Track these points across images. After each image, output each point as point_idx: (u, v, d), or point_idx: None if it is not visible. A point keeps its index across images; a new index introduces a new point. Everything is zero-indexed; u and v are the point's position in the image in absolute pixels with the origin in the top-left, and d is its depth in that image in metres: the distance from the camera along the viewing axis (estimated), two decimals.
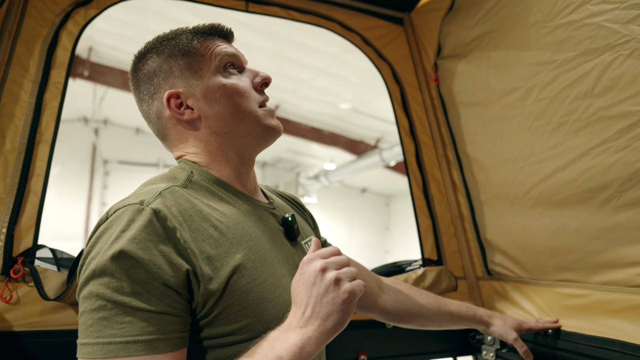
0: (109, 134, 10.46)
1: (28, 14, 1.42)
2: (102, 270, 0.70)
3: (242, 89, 0.94)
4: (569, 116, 1.32)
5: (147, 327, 0.69)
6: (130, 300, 0.69)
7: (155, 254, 0.72)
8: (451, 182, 1.90)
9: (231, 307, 0.77)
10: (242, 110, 0.93)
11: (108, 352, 0.67)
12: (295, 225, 1.00)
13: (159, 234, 0.74)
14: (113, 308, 0.69)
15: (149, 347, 0.68)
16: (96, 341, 0.68)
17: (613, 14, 1.15)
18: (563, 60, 1.31)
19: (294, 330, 0.72)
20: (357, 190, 13.26)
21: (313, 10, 1.88)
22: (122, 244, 0.71)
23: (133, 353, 0.67)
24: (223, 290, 0.77)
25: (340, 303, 0.72)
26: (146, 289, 0.70)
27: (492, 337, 1.69)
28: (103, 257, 0.71)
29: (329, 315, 0.72)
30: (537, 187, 1.47)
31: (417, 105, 1.98)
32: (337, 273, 0.75)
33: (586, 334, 1.34)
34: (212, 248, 0.79)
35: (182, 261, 0.74)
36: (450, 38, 1.78)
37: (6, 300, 1.20)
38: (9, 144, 1.31)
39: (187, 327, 0.75)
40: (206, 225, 0.81)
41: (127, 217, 0.74)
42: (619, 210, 1.24)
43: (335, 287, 0.73)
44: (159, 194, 0.79)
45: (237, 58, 0.98)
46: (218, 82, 0.93)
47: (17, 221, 1.28)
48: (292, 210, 1.12)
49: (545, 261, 1.52)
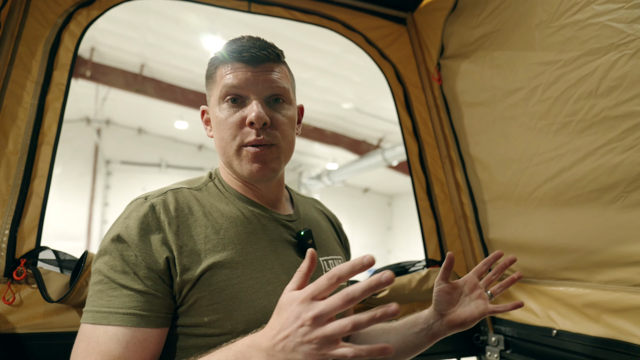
0: (111, 134, 10.48)
1: (30, 14, 1.42)
2: (104, 250, 0.86)
3: (227, 125, 0.95)
4: (574, 116, 1.31)
5: (128, 302, 0.81)
6: (119, 278, 0.83)
7: (144, 241, 0.85)
8: (454, 183, 1.90)
9: (203, 300, 0.86)
10: (223, 145, 0.97)
11: (95, 319, 0.81)
12: (310, 241, 1.03)
13: (151, 225, 0.87)
14: (107, 282, 0.83)
15: (126, 320, 0.80)
16: (90, 309, 0.83)
17: (618, 13, 1.15)
18: (567, 60, 1.30)
19: (261, 353, 0.67)
20: (360, 190, 13.26)
21: (316, 11, 1.88)
22: (119, 229, 0.86)
23: (112, 322, 0.80)
24: (195, 282, 0.86)
25: (305, 348, 0.63)
26: (133, 270, 0.83)
27: (496, 339, 1.68)
28: (106, 239, 0.87)
29: (294, 354, 0.64)
30: (541, 188, 1.46)
31: (420, 105, 1.98)
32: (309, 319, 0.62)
33: (590, 335, 1.34)
34: (199, 243, 0.89)
35: (165, 250, 0.85)
36: (454, 38, 1.77)
37: (9, 302, 1.20)
38: (11, 145, 1.31)
39: (167, 309, 0.86)
40: (200, 223, 0.91)
41: (131, 208, 0.90)
42: (625, 210, 1.23)
43: (305, 331, 0.63)
44: (164, 193, 0.94)
45: (241, 89, 0.94)
46: (214, 113, 0.99)
47: (19, 223, 1.28)
48: (324, 225, 1.17)
49: (549, 260, 1.51)
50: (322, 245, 1.10)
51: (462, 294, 1.10)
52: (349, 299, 0.61)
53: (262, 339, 0.68)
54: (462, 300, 1.10)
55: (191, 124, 9.53)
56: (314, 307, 0.63)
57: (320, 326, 0.62)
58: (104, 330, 0.80)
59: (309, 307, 0.63)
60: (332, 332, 0.61)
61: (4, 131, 1.31)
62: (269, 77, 0.95)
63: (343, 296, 0.61)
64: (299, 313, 0.63)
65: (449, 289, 1.09)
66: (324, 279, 0.64)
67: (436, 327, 1.10)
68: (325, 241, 1.12)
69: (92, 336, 0.80)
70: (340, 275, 0.63)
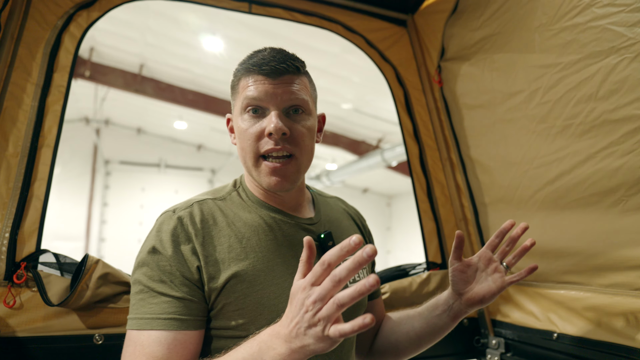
0: (111, 134, 10.46)
1: (30, 16, 1.42)
2: (142, 262, 0.94)
3: (248, 135, 0.98)
4: (573, 119, 1.31)
5: (168, 308, 0.89)
6: (158, 286, 0.90)
7: (176, 252, 0.92)
8: (455, 185, 1.90)
9: (229, 305, 0.92)
10: (244, 155, 1.01)
11: (139, 325, 0.88)
12: (330, 243, 1.06)
13: (181, 237, 0.94)
14: (147, 292, 0.90)
15: (167, 324, 0.87)
16: (134, 316, 0.90)
17: (618, 16, 1.15)
18: (567, 63, 1.30)
19: (281, 340, 0.73)
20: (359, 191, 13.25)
21: (316, 12, 1.88)
22: (154, 242, 0.94)
23: (155, 327, 0.87)
24: (221, 289, 0.92)
25: (312, 331, 0.69)
26: (170, 279, 0.91)
27: (496, 341, 1.68)
28: (142, 252, 0.95)
29: (306, 339, 0.70)
30: (542, 191, 1.46)
31: (421, 107, 1.98)
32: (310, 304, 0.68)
33: (590, 338, 1.34)
34: (223, 253, 0.95)
35: (195, 259, 0.92)
36: (454, 40, 1.77)
37: (9, 306, 1.20)
38: (11, 147, 1.31)
39: (203, 312, 0.93)
40: (224, 233, 0.97)
41: (161, 220, 0.97)
42: (625, 214, 1.23)
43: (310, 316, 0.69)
44: (190, 205, 0.99)
45: (261, 101, 0.97)
46: (237, 123, 1.02)
47: (20, 226, 1.27)
48: (346, 224, 1.19)
49: (549, 264, 1.51)
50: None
51: (478, 270, 1.12)
52: (337, 281, 0.66)
53: (280, 327, 0.75)
54: (479, 276, 1.11)
55: (190, 124, 9.52)
56: (312, 292, 0.69)
57: (319, 310, 0.68)
58: (148, 334, 0.87)
59: (309, 293, 0.70)
60: (327, 313, 0.67)
61: (4, 134, 1.31)
62: (288, 89, 0.97)
63: (330, 280, 0.67)
64: (302, 300, 0.70)
65: (463, 267, 1.10)
66: (318, 266, 0.70)
67: (456, 307, 1.12)
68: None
69: (137, 341, 0.87)
70: (330, 261, 0.68)
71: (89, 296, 1.23)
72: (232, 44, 5.64)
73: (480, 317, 1.80)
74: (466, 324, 1.81)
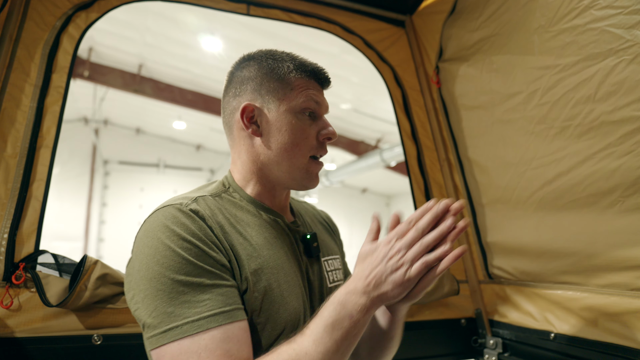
0: (109, 134, 10.45)
1: (29, 17, 1.42)
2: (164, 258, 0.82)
3: (306, 135, 1.00)
4: (572, 120, 1.31)
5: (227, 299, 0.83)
6: (204, 279, 0.82)
7: (206, 241, 0.85)
8: (453, 186, 1.90)
9: (249, 304, 0.87)
10: (295, 152, 0.99)
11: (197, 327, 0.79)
12: (315, 244, 1.07)
13: (201, 228, 0.86)
14: (189, 291, 0.81)
15: (232, 316, 0.81)
16: (180, 322, 0.79)
17: (617, 19, 1.15)
18: (566, 65, 1.30)
19: (358, 294, 0.80)
20: (358, 191, 13.26)
21: (314, 13, 1.88)
22: (178, 229, 0.84)
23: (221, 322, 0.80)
24: (246, 288, 0.88)
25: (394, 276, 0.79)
26: (214, 267, 0.84)
27: (494, 341, 1.69)
28: (161, 248, 0.83)
29: (386, 286, 0.79)
30: (540, 191, 1.46)
31: (419, 108, 1.98)
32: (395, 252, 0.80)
33: (587, 338, 1.34)
34: (239, 249, 0.90)
35: (220, 254, 0.86)
36: (452, 41, 1.77)
37: (7, 307, 1.20)
38: (10, 148, 1.31)
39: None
40: (234, 230, 0.93)
41: (171, 213, 0.86)
42: (622, 215, 1.23)
43: (393, 263, 0.79)
44: (194, 200, 0.92)
45: (318, 107, 1.03)
46: (289, 118, 0.99)
47: (18, 226, 1.28)
48: (319, 228, 1.21)
49: (546, 264, 1.52)
50: (323, 246, 1.13)
51: None
52: (420, 230, 0.79)
53: (356, 282, 0.81)
54: None
55: (189, 124, 9.52)
56: (397, 244, 0.80)
57: (403, 255, 0.79)
58: (210, 335, 0.77)
59: (393, 245, 0.80)
60: (413, 255, 0.78)
61: (3, 134, 1.31)
62: (327, 100, 1.07)
63: (415, 230, 0.80)
64: (386, 252, 0.80)
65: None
66: (403, 225, 0.82)
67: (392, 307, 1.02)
68: (324, 242, 1.16)
69: (199, 347, 0.76)
70: (415, 219, 0.81)
71: (88, 297, 1.23)
72: (231, 44, 5.64)
73: (478, 317, 1.81)
74: (464, 324, 1.82)
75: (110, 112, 9.55)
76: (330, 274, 1.10)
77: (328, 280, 1.08)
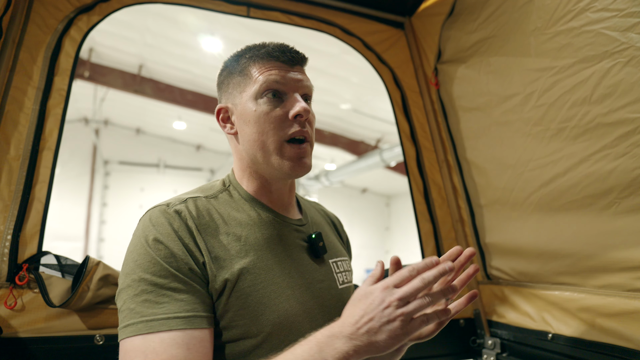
0: (110, 135, 10.47)
1: (31, 21, 1.43)
2: (139, 259, 0.85)
3: (270, 118, 0.95)
4: (568, 122, 1.33)
5: (185, 305, 0.82)
6: (168, 282, 0.82)
7: (182, 244, 0.86)
8: (452, 187, 1.91)
9: (231, 305, 0.86)
10: (264, 139, 0.96)
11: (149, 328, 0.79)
12: (320, 244, 1.05)
13: (181, 230, 0.87)
14: (153, 290, 0.82)
15: (186, 322, 0.80)
16: (137, 320, 0.81)
17: (612, 21, 1.16)
18: (562, 67, 1.32)
19: (343, 339, 0.74)
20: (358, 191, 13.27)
21: (314, 15, 1.89)
22: (154, 234, 0.85)
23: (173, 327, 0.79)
24: (224, 288, 0.86)
25: (389, 326, 0.72)
26: (180, 272, 0.84)
27: (492, 342, 1.70)
28: (137, 249, 0.86)
29: (378, 335, 0.73)
30: (537, 193, 1.48)
31: (418, 109, 1.99)
32: (394, 300, 0.73)
33: (585, 339, 1.35)
34: (223, 251, 0.89)
35: (199, 254, 0.86)
36: (451, 43, 1.79)
37: (11, 307, 1.22)
38: (13, 150, 1.32)
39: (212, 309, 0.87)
40: (222, 230, 0.92)
41: (155, 214, 0.89)
42: (618, 216, 1.25)
43: (390, 312, 0.73)
44: (184, 201, 0.93)
45: (282, 85, 0.97)
46: (249, 108, 0.97)
47: (21, 228, 1.29)
48: (327, 229, 1.18)
49: (544, 265, 1.53)
50: (330, 247, 1.11)
51: None
52: (426, 282, 0.73)
53: (343, 327, 0.75)
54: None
55: (189, 125, 9.53)
56: (398, 291, 0.74)
57: (403, 306, 0.73)
58: (160, 338, 0.77)
59: (392, 292, 0.74)
60: (414, 307, 0.73)
61: (6, 137, 1.32)
62: (302, 77, 1.00)
63: (420, 279, 0.74)
64: (383, 297, 0.74)
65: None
66: (405, 271, 0.76)
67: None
68: (332, 243, 1.14)
69: (147, 348, 0.76)
70: (419, 269, 0.75)
71: (90, 297, 1.25)
72: (231, 44, 5.65)
73: (477, 318, 1.82)
74: (462, 325, 1.83)
75: (111, 113, 9.57)
76: (340, 275, 1.08)
77: (338, 281, 1.06)
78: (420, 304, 0.73)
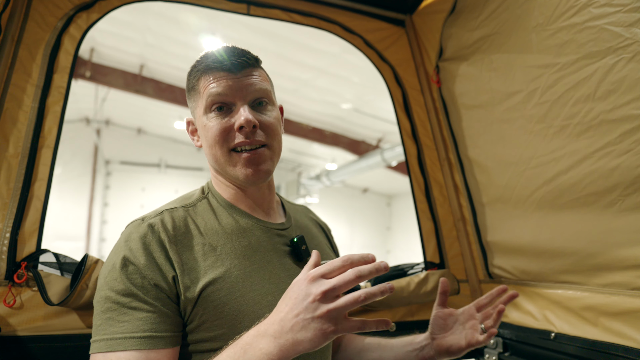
0: (111, 135, 10.49)
1: (31, 18, 1.43)
2: (108, 277, 0.86)
3: (214, 133, 0.96)
4: (571, 119, 1.31)
5: (142, 325, 0.81)
6: (129, 301, 0.83)
7: (149, 260, 0.86)
8: (453, 185, 1.90)
9: (207, 316, 0.86)
10: (214, 151, 0.99)
11: (108, 346, 0.81)
12: (303, 247, 1.04)
13: (152, 244, 0.87)
14: (116, 308, 0.84)
15: (142, 343, 0.80)
16: (101, 337, 0.83)
17: (615, 17, 1.15)
18: (565, 63, 1.30)
19: (269, 338, 0.70)
20: (359, 190, 13.26)
21: (314, 13, 1.88)
22: (123, 252, 0.87)
23: (128, 347, 0.80)
24: (197, 299, 0.86)
25: (316, 324, 0.67)
26: (142, 292, 0.84)
27: (494, 341, 1.69)
28: (108, 266, 0.88)
29: (303, 333, 0.67)
30: (539, 191, 1.46)
31: (419, 107, 1.98)
32: (319, 293, 0.67)
33: (588, 338, 1.34)
34: (198, 261, 0.90)
35: (170, 268, 0.86)
36: (452, 40, 1.77)
37: (10, 305, 1.21)
38: (12, 148, 1.32)
39: (178, 327, 0.86)
40: (197, 241, 0.93)
41: (129, 230, 0.90)
42: (621, 214, 1.23)
43: (316, 306, 0.67)
44: (160, 213, 0.94)
45: (224, 97, 0.96)
46: (202, 122, 1.00)
47: (20, 226, 1.28)
48: (315, 231, 1.19)
49: (546, 263, 1.52)
50: (318, 250, 1.09)
51: (457, 322, 1.15)
52: (359, 275, 0.67)
53: (268, 325, 0.71)
54: (456, 328, 1.14)
55: None
56: (325, 283, 0.67)
57: (331, 301, 0.66)
58: (116, 357, 0.78)
59: (319, 283, 0.68)
60: (344, 304, 0.66)
61: (5, 134, 1.32)
62: (251, 81, 0.98)
63: (354, 272, 0.67)
64: (308, 291, 0.68)
65: (445, 315, 1.15)
66: (339, 260, 0.69)
67: (426, 350, 1.14)
68: (318, 247, 1.14)
69: None
70: (353, 260, 0.69)
71: (89, 296, 1.24)
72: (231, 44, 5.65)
73: None
74: None
75: (112, 113, 9.58)
76: None
77: None
78: (352, 299, 0.66)
